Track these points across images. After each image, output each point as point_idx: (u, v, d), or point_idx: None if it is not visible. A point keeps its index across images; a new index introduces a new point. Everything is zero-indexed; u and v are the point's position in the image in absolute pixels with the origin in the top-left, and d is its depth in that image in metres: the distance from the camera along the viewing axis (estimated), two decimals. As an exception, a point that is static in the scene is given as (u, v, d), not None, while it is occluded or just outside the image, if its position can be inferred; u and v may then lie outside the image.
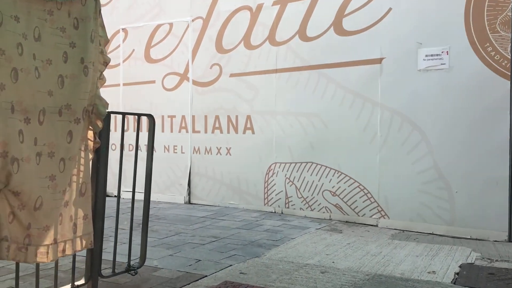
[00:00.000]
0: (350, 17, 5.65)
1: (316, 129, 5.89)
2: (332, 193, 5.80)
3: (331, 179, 5.81)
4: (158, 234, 4.89)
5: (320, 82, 5.87)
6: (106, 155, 2.91)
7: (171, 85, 7.03)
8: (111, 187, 7.55)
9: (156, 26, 7.15)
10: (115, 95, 7.51)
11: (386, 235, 5.04)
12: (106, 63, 2.79)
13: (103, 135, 2.84)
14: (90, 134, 2.71)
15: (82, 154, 2.63)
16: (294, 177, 6.06)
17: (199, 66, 6.79)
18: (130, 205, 3.40)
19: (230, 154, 6.53)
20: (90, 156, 2.71)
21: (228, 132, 6.54)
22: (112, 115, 3.03)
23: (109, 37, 7.93)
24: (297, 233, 5.01)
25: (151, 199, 3.48)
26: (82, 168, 2.60)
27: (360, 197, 5.63)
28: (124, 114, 3.29)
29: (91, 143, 2.70)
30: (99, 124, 2.71)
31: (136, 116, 3.44)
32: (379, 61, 5.50)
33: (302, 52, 5.99)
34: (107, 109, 2.80)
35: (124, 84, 7.45)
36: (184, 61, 6.91)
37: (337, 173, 5.77)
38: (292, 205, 6.09)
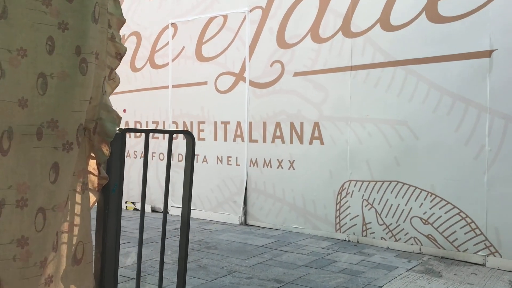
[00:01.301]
0: (450, -2, 4.46)
1: (403, 140, 4.73)
2: (424, 221, 4.61)
3: (422, 203, 4.63)
4: (206, 273, 3.92)
5: (408, 81, 4.70)
6: (119, 196, 1.92)
7: (225, 87, 6.08)
8: (158, 201, 6.73)
9: (208, 20, 6.24)
10: (163, 99, 6.67)
11: (501, 281, 3.82)
12: (119, 55, 1.82)
13: (114, 163, 1.86)
14: (93, 164, 1.74)
15: (78, 198, 1.67)
16: (374, 198, 4.92)
17: (257, 64, 5.79)
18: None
19: (293, 168, 5.48)
20: (92, 199, 1.74)
21: (291, 142, 5.49)
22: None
23: (157, 33, 7.19)
24: (383, 276, 3.88)
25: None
26: (77, 220, 1.64)
27: (460, 228, 4.42)
28: (147, 132, 2.31)
29: (94, 179, 1.74)
30: (106, 150, 1.73)
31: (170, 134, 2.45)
32: (487, 54, 4.27)
33: (384, 44, 4.84)
34: (119, 125, 1.81)
35: (173, 86, 6.60)
36: (240, 58, 5.94)
37: (430, 196, 4.58)
38: (371, 233, 4.95)
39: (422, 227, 4.62)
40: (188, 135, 2.47)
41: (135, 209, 6.96)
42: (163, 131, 2.19)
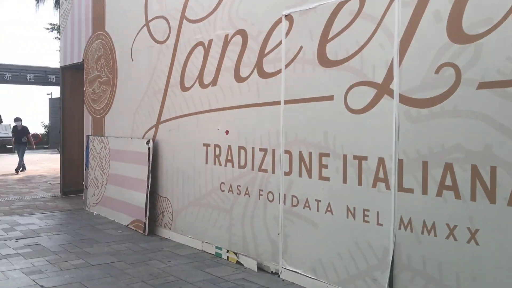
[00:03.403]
0: None
1: None
2: None
3: None
4: None
5: None
6: None
7: (360, 104, 4.09)
8: (267, 256, 4.94)
9: (337, 5, 4.29)
10: (273, 119, 4.89)
11: None
12: None
13: None
14: None
15: None
16: None
17: (413, 69, 3.70)
18: None
19: (476, 243, 3.30)
20: None
21: (473, 198, 3.31)
22: None
23: (267, 31, 5.36)
24: None
25: None
26: None
27: None
28: None
29: None
30: None
31: None
32: None
33: None
34: None
35: (286, 102, 4.78)
36: (385, 61, 3.90)
37: None
38: None
39: None
40: None
41: (238, 262, 5.29)
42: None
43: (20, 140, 14.65)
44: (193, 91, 6.02)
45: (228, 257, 5.44)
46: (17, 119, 15.02)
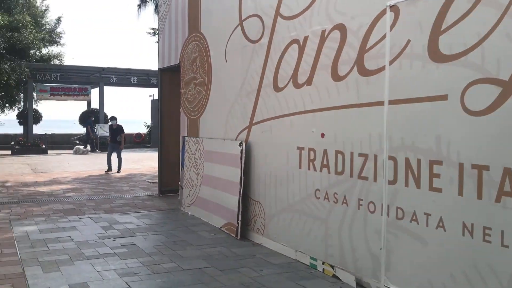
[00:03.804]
0: None
1: None
2: None
3: None
4: None
5: None
6: None
7: (480, 104, 3.51)
8: (367, 271, 4.42)
9: (452, -8, 3.75)
10: (376, 121, 4.44)
11: None
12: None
13: None
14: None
15: None
16: None
17: (551, 62, 3.08)
18: None
19: None
20: None
21: None
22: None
23: (369, 24, 4.68)
24: None
25: None
26: None
27: None
28: None
29: None
30: None
31: None
32: None
33: None
34: None
35: (391, 102, 4.30)
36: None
37: None
38: None
39: None
40: None
41: (334, 276, 4.90)
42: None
43: (115, 139, 14.66)
44: (286, 92, 5.73)
45: (323, 269, 5.07)
46: (112, 118, 15.09)
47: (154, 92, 28.32)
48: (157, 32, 25.75)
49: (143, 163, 17.50)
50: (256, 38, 6.35)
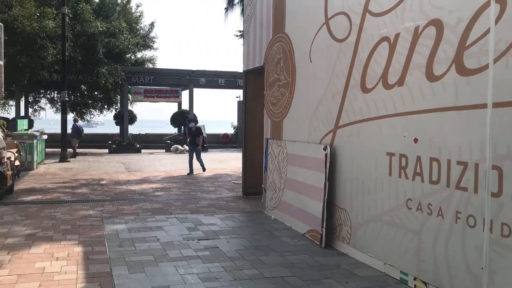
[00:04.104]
0: None
1: None
2: None
3: None
4: None
5: None
6: None
7: None
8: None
9: None
10: (478, 126, 3.98)
11: None
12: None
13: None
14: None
15: None
16: None
17: None
18: None
19: None
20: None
21: None
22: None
23: (469, 18, 4.20)
24: None
25: None
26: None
27: None
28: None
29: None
30: None
31: None
32: None
33: None
34: None
35: (495, 105, 3.82)
36: None
37: None
38: None
39: None
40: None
41: (426, 293, 4.50)
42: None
43: (195, 141, 14.51)
44: (375, 93, 5.38)
45: (415, 285, 4.67)
46: (191, 120, 15.16)
47: (241, 94, 28.71)
48: (243, 34, 26.09)
49: (229, 163, 17.74)
50: (343, 36, 6.06)
